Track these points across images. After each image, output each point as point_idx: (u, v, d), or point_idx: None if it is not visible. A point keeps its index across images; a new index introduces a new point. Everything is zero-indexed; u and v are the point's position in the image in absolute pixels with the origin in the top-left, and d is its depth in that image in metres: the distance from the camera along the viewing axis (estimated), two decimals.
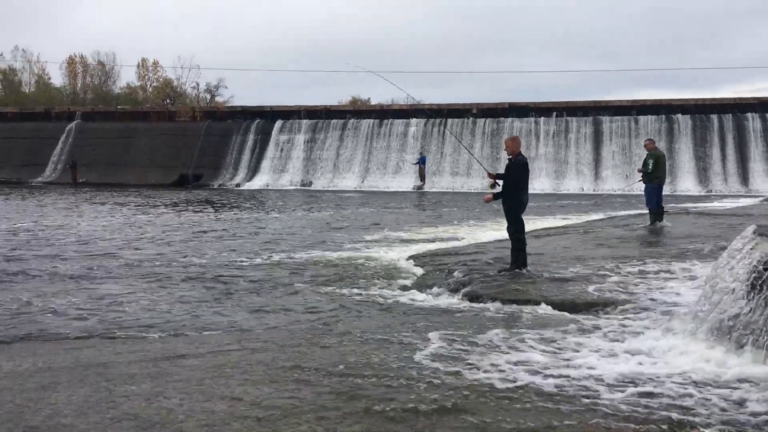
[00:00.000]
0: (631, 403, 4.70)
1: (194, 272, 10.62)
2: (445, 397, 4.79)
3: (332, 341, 6.43)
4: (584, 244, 12.85)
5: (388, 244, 14.10)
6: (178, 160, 46.40)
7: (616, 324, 6.98)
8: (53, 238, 14.77)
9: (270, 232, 16.66)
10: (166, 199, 30.48)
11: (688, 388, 5.01)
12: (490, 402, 4.73)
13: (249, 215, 22.06)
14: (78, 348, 6.39)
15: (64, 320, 7.55)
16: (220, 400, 4.79)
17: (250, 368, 5.55)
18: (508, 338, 6.40)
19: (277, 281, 9.92)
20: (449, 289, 9.15)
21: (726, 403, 4.70)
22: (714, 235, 13.26)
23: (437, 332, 6.62)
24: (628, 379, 5.21)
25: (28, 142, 49.32)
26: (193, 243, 14.33)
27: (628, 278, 9.18)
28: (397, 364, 5.58)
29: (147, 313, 7.87)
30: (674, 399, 4.79)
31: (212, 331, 7.09)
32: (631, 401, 4.74)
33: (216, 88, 74.34)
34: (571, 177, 41.14)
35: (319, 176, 44.40)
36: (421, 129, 44.48)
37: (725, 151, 40.11)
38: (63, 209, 23.55)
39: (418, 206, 27.63)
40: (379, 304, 8.35)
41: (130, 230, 16.78)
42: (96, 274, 10.44)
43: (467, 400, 4.75)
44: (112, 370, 5.53)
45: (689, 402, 4.73)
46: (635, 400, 4.77)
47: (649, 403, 4.69)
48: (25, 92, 72.10)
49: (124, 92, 75.29)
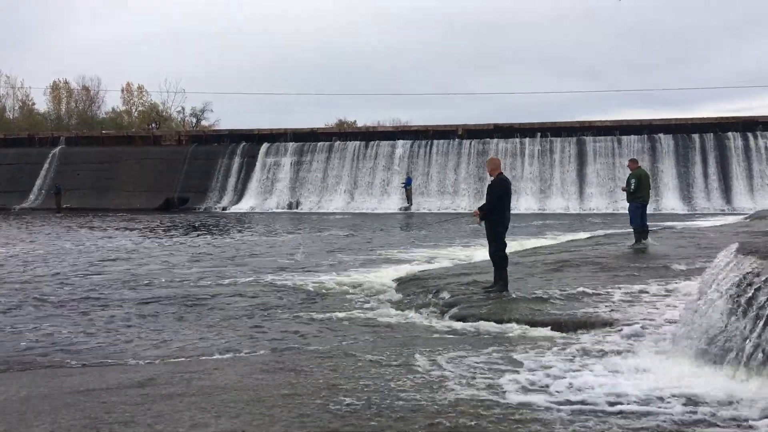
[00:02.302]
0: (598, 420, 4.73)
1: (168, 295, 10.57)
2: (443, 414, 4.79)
3: (315, 363, 6.41)
4: (569, 263, 12.90)
5: (375, 266, 14.10)
6: (164, 184, 46.24)
7: (598, 343, 7.02)
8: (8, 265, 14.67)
9: (256, 255, 16.61)
10: (144, 223, 30.35)
11: (667, 407, 5.05)
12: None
13: (233, 239, 22.00)
14: (61, 376, 6.34)
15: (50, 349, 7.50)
16: (209, 424, 4.76)
17: (241, 391, 5.53)
18: (501, 358, 6.41)
19: (264, 305, 9.90)
20: (437, 311, 9.18)
21: (696, 419, 4.75)
22: (697, 254, 13.37)
23: (425, 353, 6.62)
24: (604, 399, 5.24)
25: (11, 168, 49.00)
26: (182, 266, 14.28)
27: (611, 298, 9.23)
28: (386, 388, 5.57)
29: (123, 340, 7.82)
30: (655, 417, 4.83)
31: (208, 356, 7.06)
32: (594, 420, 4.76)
33: (201, 111, 74.39)
34: (557, 197, 41.39)
35: (305, 198, 44.38)
36: (408, 150, 44.69)
37: (707, 169, 40.54)
38: (20, 235, 23.41)
39: (404, 227, 27.68)
40: (366, 327, 8.35)
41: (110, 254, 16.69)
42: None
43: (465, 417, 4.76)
44: (94, 398, 5.49)
45: (660, 418, 4.78)
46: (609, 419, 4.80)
47: (641, 424, 4.73)
48: (9, 118, 71.74)
49: (109, 117, 75.13)
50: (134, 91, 76.18)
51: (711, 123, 42.27)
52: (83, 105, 75.55)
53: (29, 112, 73.63)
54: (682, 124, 42.52)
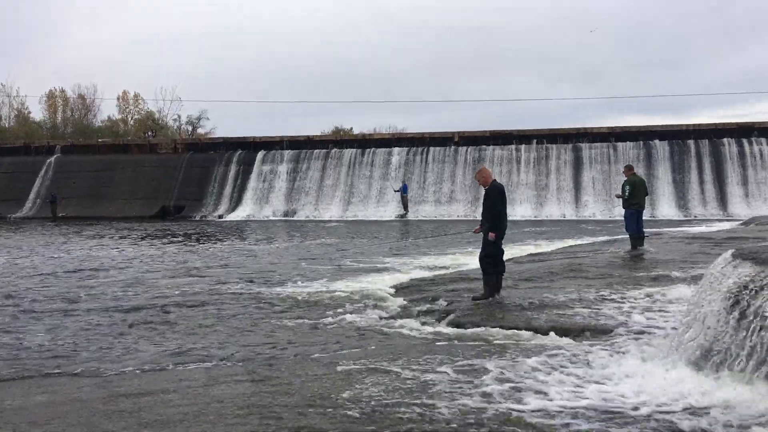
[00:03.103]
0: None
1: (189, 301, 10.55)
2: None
3: (317, 371, 6.41)
4: (565, 270, 12.92)
5: (372, 274, 14.09)
6: (160, 192, 46.20)
7: (591, 349, 7.02)
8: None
9: (256, 263, 16.60)
10: (140, 232, 30.31)
11: (663, 414, 5.05)
12: None
13: (229, 247, 21.98)
14: (61, 384, 6.32)
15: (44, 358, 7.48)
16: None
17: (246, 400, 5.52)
18: (502, 366, 6.41)
19: (262, 313, 9.89)
20: (434, 318, 9.19)
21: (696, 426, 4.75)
22: (693, 259, 13.40)
23: (425, 359, 6.62)
24: (599, 406, 5.24)
25: (7, 177, 48.94)
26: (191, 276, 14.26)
27: (607, 303, 9.25)
28: (383, 393, 5.57)
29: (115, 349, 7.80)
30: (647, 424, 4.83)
31: (205, 363, 7.04)
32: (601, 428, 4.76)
33: (197, 119, 74.38)
34: (553, 203, 41.46)
35: (302, 206, 44.37)
36: (404, 158, 44.76)
37: (703, 176, 40.68)
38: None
39: (401, 235, 27.68)
40: (364, 334, 8.34)
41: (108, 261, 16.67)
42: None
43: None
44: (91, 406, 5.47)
45: (654, 425, 4.78)
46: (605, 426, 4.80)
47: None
48: (5, 127, 71.64)
49: (105, 125, 75.10)
50: (130, 100, 76.23)
51: (706, 129, 42.43)
52: (79, 113, 75.53)
53: (25, 120, 73.53)
54: (678, 130, 42.70)
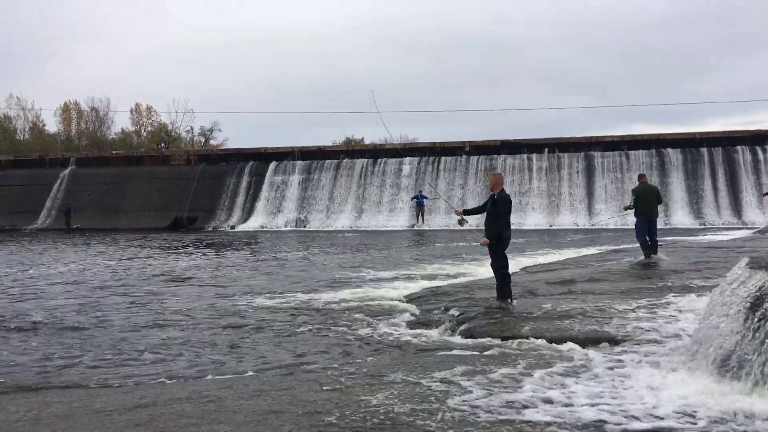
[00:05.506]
0: None
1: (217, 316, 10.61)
2: None
3: (333, 379, 6.43)
4: (578, 278, 12.89)
5: (385, 284, 14.10)
6: (173, 204, 46.48)
7: (610, 358, 7.00)
8: None
9: (270, 274, 16.66)
10: (157, 242, 30.48)
11: (681, 423, 5.03)
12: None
13: (241, 257, 22.06)
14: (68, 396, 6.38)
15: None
16: None
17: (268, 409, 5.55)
18: (514, 375, 6.41)
19: (278, 323, 9.92)
20: (448, 328, 9.19)
21: None
22: (708, 268, 13.33)
23: (441, 371, 6.63)
24: (620, 416, 5.23)
25: (22, 189, 49.43)
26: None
27: (620, 313, 9.21)
28: (397, 402, 5.59)
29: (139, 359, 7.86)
30: None
31: (225, 375, 7.09)
32: None
33: (210, 131, 74.88)
34: (565, 212, 41.33)
35: (314, 216, 44.48)
36: (415, 167, 44.81)
37: (717, 184, 40.45)
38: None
39: (413, 244, 27.67)
40: (378, 344, 8.36)
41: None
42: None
43: None
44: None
45: None
46: None
47: None
48: (20, 139, 72.41)
49: (119, 137, 75.74)
50: (143, 112, 76.90)
51: (719, 137, 42.24)
52: (93, 126, 76.23)
53: (39, 133, 74.32)
54: (690, 138, 42.53)
